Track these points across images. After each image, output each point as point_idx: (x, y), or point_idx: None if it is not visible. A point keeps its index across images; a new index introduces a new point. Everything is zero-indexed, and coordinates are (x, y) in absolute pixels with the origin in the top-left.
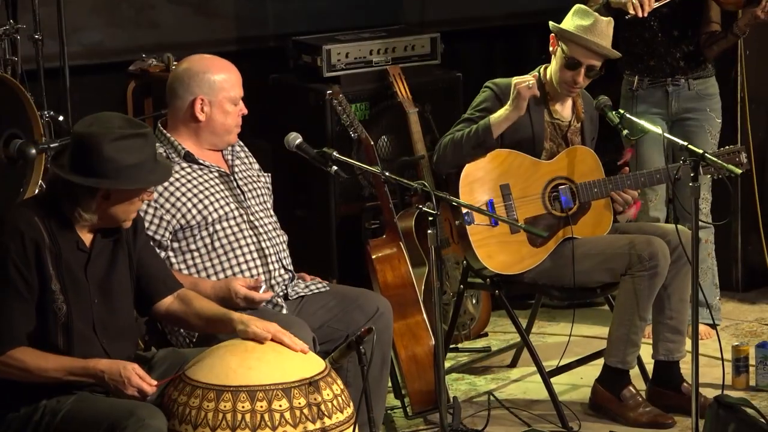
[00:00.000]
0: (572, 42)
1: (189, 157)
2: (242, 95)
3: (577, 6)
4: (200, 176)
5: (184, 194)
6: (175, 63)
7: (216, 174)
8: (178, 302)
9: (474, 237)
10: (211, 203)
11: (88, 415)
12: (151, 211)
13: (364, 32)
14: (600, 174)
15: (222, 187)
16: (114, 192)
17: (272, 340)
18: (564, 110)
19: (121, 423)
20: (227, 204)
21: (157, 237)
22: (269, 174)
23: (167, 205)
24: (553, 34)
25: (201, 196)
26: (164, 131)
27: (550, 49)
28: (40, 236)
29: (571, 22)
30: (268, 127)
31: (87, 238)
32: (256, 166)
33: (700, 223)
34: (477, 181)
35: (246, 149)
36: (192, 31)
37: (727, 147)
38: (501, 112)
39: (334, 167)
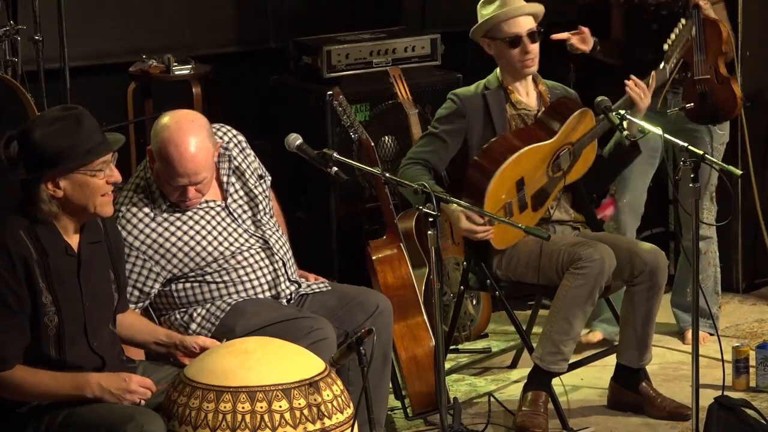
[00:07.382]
0: (498, 27)
1: (173, 205)
2: (187, 184)
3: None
4: (190, 218)
5: (174, 244)
6: (175, 63)
7: (205, 210)
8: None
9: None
10: (204, 248)
11: (87, 419)
12: (140, 262)
13: (365, 33)
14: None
15: (216, 221)
16: (60, 179)
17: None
18: (529, 100)
19: (120, 427)
20: (223, 240)
21: (146, 289)
22: (270, 178)
23: (156, 257)
24: (482, 41)
25: (192, 242)
26: (150, 176)
27: (490, 53)
28: (27, 251)
29: (483, 16)
30: (269, 128)
31: (74, 242)
32: (256, 164)
33: (700, 232)
34: (501, 188)
35: (249, 149)
36: (193, 32)
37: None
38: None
39: (335, 168)
